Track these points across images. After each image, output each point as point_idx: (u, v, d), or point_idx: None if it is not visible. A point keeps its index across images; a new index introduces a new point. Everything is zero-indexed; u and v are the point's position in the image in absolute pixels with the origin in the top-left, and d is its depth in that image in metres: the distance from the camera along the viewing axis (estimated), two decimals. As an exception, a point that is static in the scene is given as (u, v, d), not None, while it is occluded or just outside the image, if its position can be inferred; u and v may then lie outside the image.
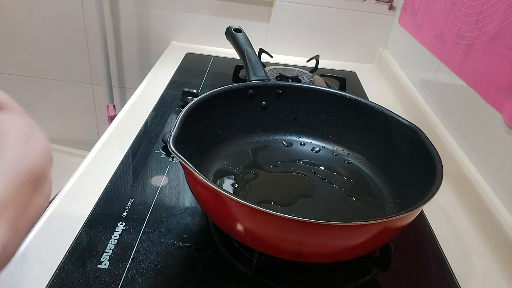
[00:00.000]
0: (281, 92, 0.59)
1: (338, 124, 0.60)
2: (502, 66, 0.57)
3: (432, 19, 0.82)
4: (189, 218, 0.51)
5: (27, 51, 1.17)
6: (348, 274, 0.45)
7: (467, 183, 0.60)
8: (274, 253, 0.40)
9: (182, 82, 0.90)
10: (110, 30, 1.13)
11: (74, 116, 1.30)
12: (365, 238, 0.37)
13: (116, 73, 1.21)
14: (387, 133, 0.54)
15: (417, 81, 0.89)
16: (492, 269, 0.50)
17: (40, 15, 1.11)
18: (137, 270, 0.43)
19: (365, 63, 1.15)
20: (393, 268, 0.42)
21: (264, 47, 1.02)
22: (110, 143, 0.65)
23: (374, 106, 0.56)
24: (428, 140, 0.48)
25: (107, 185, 0.55)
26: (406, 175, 0.51)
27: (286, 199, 0.50)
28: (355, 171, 0.57)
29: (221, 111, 0.55)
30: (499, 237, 0.51)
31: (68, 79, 1.22)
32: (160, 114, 0.75)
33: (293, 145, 0.61)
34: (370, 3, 1.06)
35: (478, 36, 0.64)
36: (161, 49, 1.11)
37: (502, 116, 0.56)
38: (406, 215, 0.37)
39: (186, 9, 1.09)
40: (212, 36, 1.12)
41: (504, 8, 0.58)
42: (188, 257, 0.45)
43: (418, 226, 0.55)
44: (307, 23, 1.10)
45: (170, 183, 0.57)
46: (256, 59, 0.66)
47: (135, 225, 0.49)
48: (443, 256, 0.50)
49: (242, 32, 0.73)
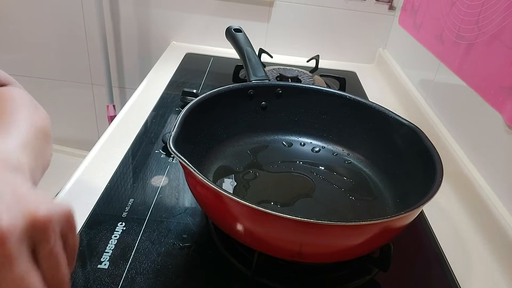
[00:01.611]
0: (281, 92, 0.59)
1: (338, 124, 0.60)
2: (502, 66, 0.57)
3: (432, 19, 0.82)
4: (189, 218, 0.51)
5: (27, 51, 1.17)
6: (348, 274, 0.45)
7: (467, 183, 0.60)
8: (274, 253, 0.40)
9: (182, 82, 0.90)
10: (110, 30, 1.13)
11: (74, 116, 1.30)
12: (365, 238, 0.37)
13: (116, 73, 1.21)
14: (387, 133, 0.54)
15: (417, 81, 0.89)
16: (492, 269, 0.50)
17: (40, 15, 1.11)
18: (137, 270, 0.43)
19: (365, 63, 1.15)
20: (393, 268, 0.42)
21: (264, 47, 1.02)
22: (110, 143, 0.65)
23: (374, 106, 0.56)
24: (428, 140, 0.48)
25: (107, 185, 0.55)
26: (406, 175, 0.51)
27: (286, 199, 0.50)
28: (355, 171, 0.57)
29: (221, 111, 0.55)
30: (499, 237, 0.51)
31: (68, 79, 1.22)
32: (160, 114, 0.75)
33: (293, 145, 0.61)
34: (370, 3, 1.06)
35: (478, 36, 0.64)
36: (161, 49, 1.11)
37: (502, 116, 0.56)
38: (406, 215, 0.37)
39: (186, 9, 1.09)
40: (212, 36, 1.12)
41: (504, 8, 0.58)
42: (188, 257, 0.45)
43: (418, 226, 0.55)
44: (307, 23, 1.10)
45: (170, 183, 0.57)
46: (256, 59, 0.66)
47: (135, 225, 0.49)
48: (443, 256, 0.50)
49: (242, 32, 0.73)
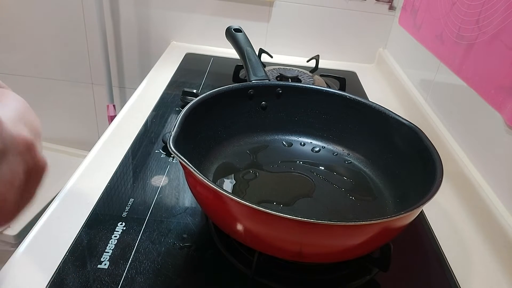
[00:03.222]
0: (281, 92, 0.59)
1: (338, 124, 0.60)
2: (502, 66, 0.57)
3: (432, 19, 0.82)
4: (189, 218, 0.51)
5: (27, 51, 1.17)
6: (348, 274, 0.45)
7: (467, 183, 0.60)
8: (274, 253, 0.40)
9: (182, 82, 0.90)
10: (110, 30, 1.13)
11: (74, 116, 1.30)
12: (365, 238, 0.37)
13: (116, 73, 1.21)
14: (387, 133, 0.54)
15: (417, 81, 0.89)
16: (492, 269, 0.50)
17: (40, 15, 1.11)
18: (137, 270, 0.43)
19: (365, 63, 1.15)
20: (393, 268, 0.42)
21: (264, 47, 1.02)
22: (110, 143, 0.65)
23: (374, 106, 0.56)
24: (428, 140, 0.48)
25: (107, 185, 0.55)
26: (406, 175, 0.51)
27: (286, 199, 0.50)
28: (355, 171, 0.57)
29: (221, 111, 0.55)
30: (499, 237, 0.51)
31: (68, 79, 1.22)
32: (160, 114, 0.75)
33: (293, 145, 0.61)
34: (370, 3, 1.06)
35: (478, 36, 0.64)
36: (161, 49, 1.11)
37: (502, 116, 0.56)
38: (406, 215, 0.37)
39: (186, 9, 1.09)
40: (212, 36, 1.12)
41: (504, 8, 0.58)
42: (188, 257, 0.45)
43: (418, 226, 0.55)
44: (307, 23, 1.10)
45: (170, 183, 0.57)
46: (256, 59, 0.66)
47: (135, 225, 0.49)
48: (443, 256, 0.50)
49: (242, 32, 0.73)
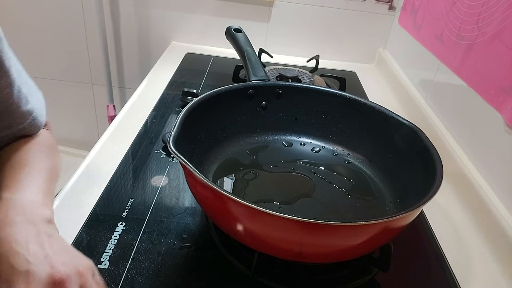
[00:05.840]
0: (281, 92, 0.59)
1: (338, 124, 0.60)
2: (502, 66, 0.57)
3: (432, 19, 0.82)
4: (189, 218, 0.51)
5: (27, 51, 1.17)
6: (348, 274, 0.45)
7: (467, 183, 0.60)
8: (274, 253, 0.40)
9: (182, 82, 0.90)
10: (110, 30, 1.13)
11: (74, 116, 1.30)
12: (365, 238, 0.37)
13: (116, 73, 1.21)
14: (387, 133, 0.54)
15: (417, 81, 0.89)
16: (492, 269, 0.50)
17: (40, 15, 1.11)
18: (137, 270, 0.43)
19: (365, 63, 1.15)
20: (393, 268, 0.42)
21: (264, 47, 1.02)
22: (110, 143, 0.65)
23: (374, 106, 0.56)
24: (428, 140, 0.48)
25: (107, 185, 0.55)
26: (406, 175, 0.51)
27: (286, 199, 0.50)
28: (355, 171, 0.57)
29: (221, 111, 0.55)
30: (499, 237, 0.51)
31: (68, 79, 1.22)
32: (160, 114, 0.75)
33: (293, 145, 0.61)
34: (370, 3, 1.06)
35: (478, 36, 0.64)
36: (161, 49, 1.10)
37: (502, 116, 0.56)
38: (406, 215, 0.37)
39: (186, 9, 1.09)
40: (212, 36, 1.12)
41: (504, 8, 0.58)
42: (188, 257, 0.45)
43: (418, 226, 0.55)
44: (307, 23, 1.09)
45: (170, 183, 0.57)
46: (256, 59, 0.66)
47: (135, 225, 0.49)
48: (443, 256, 0.50)
49: (242, 32, 0.73)
